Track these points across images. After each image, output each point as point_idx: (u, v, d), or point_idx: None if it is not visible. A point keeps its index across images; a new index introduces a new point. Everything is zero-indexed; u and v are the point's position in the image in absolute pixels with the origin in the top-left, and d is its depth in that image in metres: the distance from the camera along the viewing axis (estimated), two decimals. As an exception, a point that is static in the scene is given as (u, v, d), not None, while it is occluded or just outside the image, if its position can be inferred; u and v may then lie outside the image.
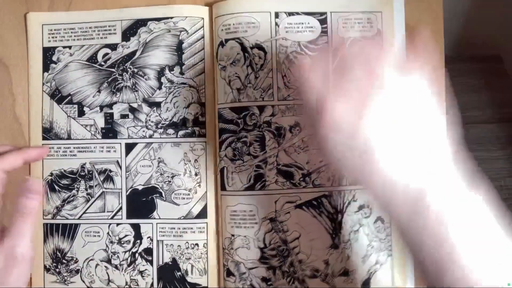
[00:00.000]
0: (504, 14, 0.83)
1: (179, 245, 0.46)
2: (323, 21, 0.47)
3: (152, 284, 0.46)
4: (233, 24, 0.46)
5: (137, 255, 0.47)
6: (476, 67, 0.78)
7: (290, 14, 0.47)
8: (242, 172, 0.46)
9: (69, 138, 0.48)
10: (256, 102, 0.46)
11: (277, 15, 0.47)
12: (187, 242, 0.46)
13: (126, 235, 0.47)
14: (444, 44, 0.47)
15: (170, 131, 0.47)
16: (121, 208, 0.47)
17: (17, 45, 0.49)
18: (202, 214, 0.46)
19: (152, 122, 0.47)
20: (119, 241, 0.47)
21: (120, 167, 0.48)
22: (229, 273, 0.46)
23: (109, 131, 0.48)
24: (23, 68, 0.49)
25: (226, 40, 0.46)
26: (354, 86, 0.32)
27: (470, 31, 0.87)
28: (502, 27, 0.85)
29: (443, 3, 0.47)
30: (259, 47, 0.46)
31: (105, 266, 0.47)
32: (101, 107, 0.48)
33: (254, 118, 0.46)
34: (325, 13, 0.47)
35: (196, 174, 0.47)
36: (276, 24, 0.46)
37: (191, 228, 0.47)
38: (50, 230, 0.48)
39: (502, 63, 0.77)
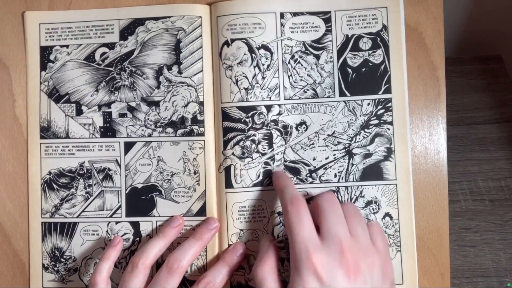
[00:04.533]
0: (504, 14, 0.84)
1: (178, 242, 0.47)
2: (327, 20, 0.47)
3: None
4: (240, 25, 0.47)
5: (138, 251, 0.47)
6: (476, 68, 0.78)
7: (295, 14, 0.47)
8: (251, 169, 0.47)
9: (67, 137, 0.48)
10: (263, 101, 0.47)
11: (282, 15, 0.47)
12: (186, 239, 0.46)
13: (125, 233, 0.48)
14: (444, 45, 0.47)
15: (169, 129, 0.47)
16: (120, 206, 0.48)
17: (16, 45, 0.49)
18: (202, 211, 0.47)
19: (151, 121, 0.48)
20: (118, 239, 0.48)
21: (119, 166, 0.48)
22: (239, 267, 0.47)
23: (108, 130, 0.48)
24: (23, 68, 0.49)
25: (232, 40, 0.47)
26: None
27: (471, 31, 0.88)
28: (502, 27, 0.86)
29: (443, 4, 0.47)
30: (266, 48, 0.47)
31: (104, 265, 0.47)
32: (99, 106, 0.48)
33: (262, 117, 0.47)
34: (329, 12, 0.48)
35: (195, 173, 0.47)
36: (282, 24, 0.47)
37: (191, 225, 0.47)
38: (48, 229, 0.48)
39: (502, 63, 0.78)
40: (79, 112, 0.48)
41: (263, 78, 0.47)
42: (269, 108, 0.47)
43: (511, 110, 0.74)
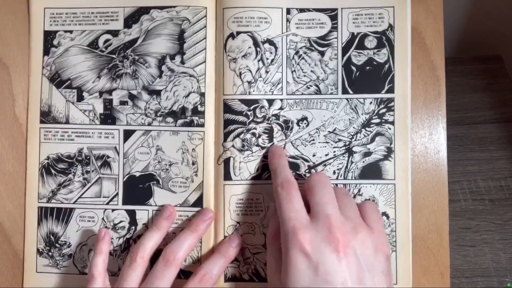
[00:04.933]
0: (504, 14, 0.84)
1: (174, 233, 0.47)
2: (333, 17, 0.47)
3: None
4: (246, 18, 0.47)
5: (131, 241, 0.47)
6: (476, 68, 0.78)
7: (301, 10, 0.47)
8: (250, 162, 0.46)
9: (67, 122, 0.48)
10: (266, 95, 0.47)
11: (288, 11, 0.47)
12: (182, 229, 0.46)
13: (121, 221, 0.48)
14: (444, 45, 0.47)
15: (169, 119, 0.47)
16: (117, 194, 0.48)
17: (17, 45, 0.49)
18: (199, 202, 0.47)
19: (151, 110, 0.48)
20: (114, 227, 0.47)
21: (118, 153, 0.48)
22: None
23: (108, 117, 0.48)
24: (23, 68, 0.49)
25: (238, 33, 0.47)
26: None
27: (471, 31, 0.88)
28: (502, 27, 0.86)
29: (443, 4, 0.47)
30: (271, 42, 0.47)
31: (99, 252, 0.47)
32: (101, 93, 0.48)
33: (263, 111, 0.47)
34: (336, 9, 0.47)
35: (193, 163, 0.47)
36: (287, 20, 0.47)
37: (187, 216, 0.47)
38: (44, 214, 0.48)
39: (502, 63, 0.78)
40: (80, 98, 0.48)
41: (267, 72, 0.47)
42: (271, 102, 0.47)
43: (511, 110, 0.74)
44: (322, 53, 0.47)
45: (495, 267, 0.63)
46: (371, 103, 0.47)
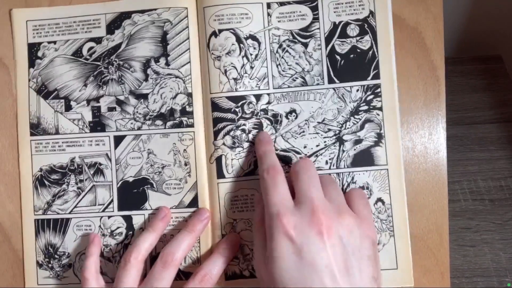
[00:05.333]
0: (504, 14, 0.84)
1: (171, 235, 0.47)
2: (314, 8, 0.47)
3: (145, 275, 0.47)
4: (227, 15, 0.47)
5: (129, 246, 0.47)
6: (476, 68, 0.79)
7: (281, 4, 0.47)
8: (242, 158, 0.47)
9: (57, 133, 0.48)
10: (252, 91, 0.47)
11: (269, 5, 0.47)
12: (179, 231, 0.46)
13: (118, 227, 0.48)
14: (444, 45, 0.47)
15: (158, 122, 0.47)
16: (112, 200, 0.48)
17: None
18: (194, 203, 0.47)
19: (140, 114, 0.48)
20: (111, 234, 0.48)
21: (110, 160, 0.48)
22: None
23: (97, 125, 0.48)
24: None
25: (220, 31, 0.47)
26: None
27: (471, 31, 0.88)
28: (502, 28, 0.86)
29: (443, 4, 0.47)
30: (253, 38, 0.47)
31: (98, 259, 0.47)
32: (88, 101, 0.48)
33: (251, 106, 0.47)
34: (316, 0, 0.47)
35: (185, 164, 0.47)
36: (269, 14, 0.47)
37: (184, 217, 0.47)
38: (41, 226, 0.48)
39: (502, 63, 0.78)
40: (68, 108, 0.48)
41: (252, 68, 0.47)
42: (258, 97, 0.47)
43: (511, 110, 0.75)
44: (305, 45, 0.47)
45: (495, 267, 0.64)
46: (358, 90, 0.47)
